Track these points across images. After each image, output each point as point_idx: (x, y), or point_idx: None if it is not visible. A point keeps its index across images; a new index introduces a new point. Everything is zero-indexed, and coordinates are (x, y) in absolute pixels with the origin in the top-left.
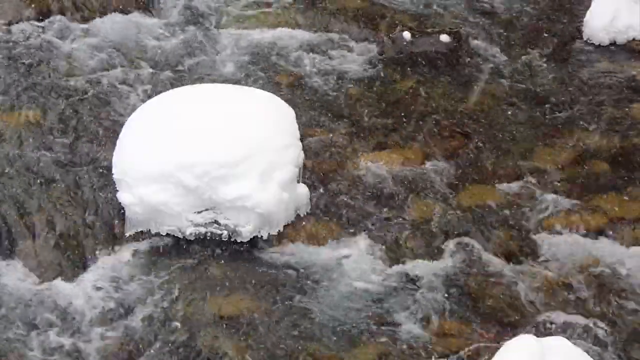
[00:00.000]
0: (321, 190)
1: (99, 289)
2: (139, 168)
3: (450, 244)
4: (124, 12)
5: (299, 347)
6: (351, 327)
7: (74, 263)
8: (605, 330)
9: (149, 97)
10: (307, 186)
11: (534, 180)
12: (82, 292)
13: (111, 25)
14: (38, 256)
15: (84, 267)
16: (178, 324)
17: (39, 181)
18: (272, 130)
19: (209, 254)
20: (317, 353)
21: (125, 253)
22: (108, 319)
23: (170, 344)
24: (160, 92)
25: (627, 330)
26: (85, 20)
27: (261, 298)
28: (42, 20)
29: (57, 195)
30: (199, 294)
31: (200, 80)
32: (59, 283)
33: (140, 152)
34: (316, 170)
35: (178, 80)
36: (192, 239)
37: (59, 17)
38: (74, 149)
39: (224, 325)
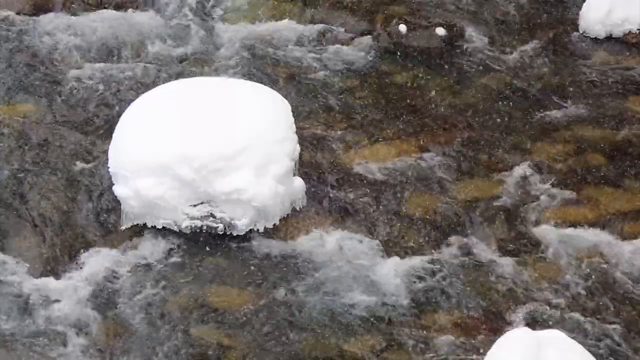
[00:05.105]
0: (317, 184)
1: (93, 282)
2: (135, 161)
3: (446, 237)
4: (120, 5)
5: (295, 339)
6: (347, 319)
7: (70, 257)
8: (602, 323)
9: (145, 90)
10: (303, 179)
11: (530, 173)
12: (77, 286)
13: (107, 18)
14: (33, 250)
15: (80, 261)
16: (173, 317)
17: (33, 174)
18: (267, 123)
19: (205, 247)
20: (312, 345)
21: (120, 247)
22: (103, 312)
23: (165, 336)
24: (156, 85)
25: (623, 322)
26: (81, 14)
27: (257, 291)
28: (37, 14)
29: (52, 188)
30: (194, 287)
31: (196, 73)
32: (53, 277)
33: (136, 145)
34: (312, 163)
35: (173, 74)
36: (188, 232)
37: (54, 10)
38: (69, 142)
39: (220, 318)
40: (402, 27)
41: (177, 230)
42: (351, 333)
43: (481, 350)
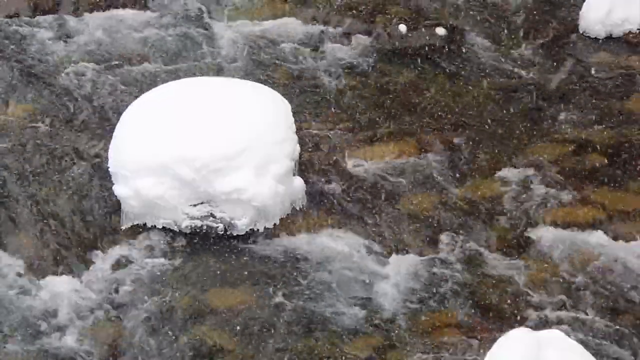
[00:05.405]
0: (317, 184)
1: (94, 283)
2: (135, 161)
3: (446, 237)
4: (119, 6)
5: (294, 340)
6: (346, 320)
7: (69, 257)
8: (602, 324)
9: (145, 90)
10: (303, 179)
11: (530, 174)
12: (77, 287)
13: (107, 19)
14: (32, 251)
15: (80, 262)
16: (173, 317)
17: (33, 175)
18: (268, 123)
19: (205, 247)
20: (311, 346)
21: (120, 247)
22: (104, 313)
23: (165, 337)
24: (156, 85)
25: (624, 323)
26: (79, 14)
27: (256, 291)
28: (36, 15)
29: (52, 188)
30: (194, 287)
31: (196, 73)
32: (54, 277)
33: (136, 145)
34: (312, 163)
35: (173, 74)
36: (188, 232)
37: (53, 12)
38: (69, 142)
39: (220, 318)
40: (402, 27)
41: (177, 230)
42: (350, 333)
43: (481, 350)
